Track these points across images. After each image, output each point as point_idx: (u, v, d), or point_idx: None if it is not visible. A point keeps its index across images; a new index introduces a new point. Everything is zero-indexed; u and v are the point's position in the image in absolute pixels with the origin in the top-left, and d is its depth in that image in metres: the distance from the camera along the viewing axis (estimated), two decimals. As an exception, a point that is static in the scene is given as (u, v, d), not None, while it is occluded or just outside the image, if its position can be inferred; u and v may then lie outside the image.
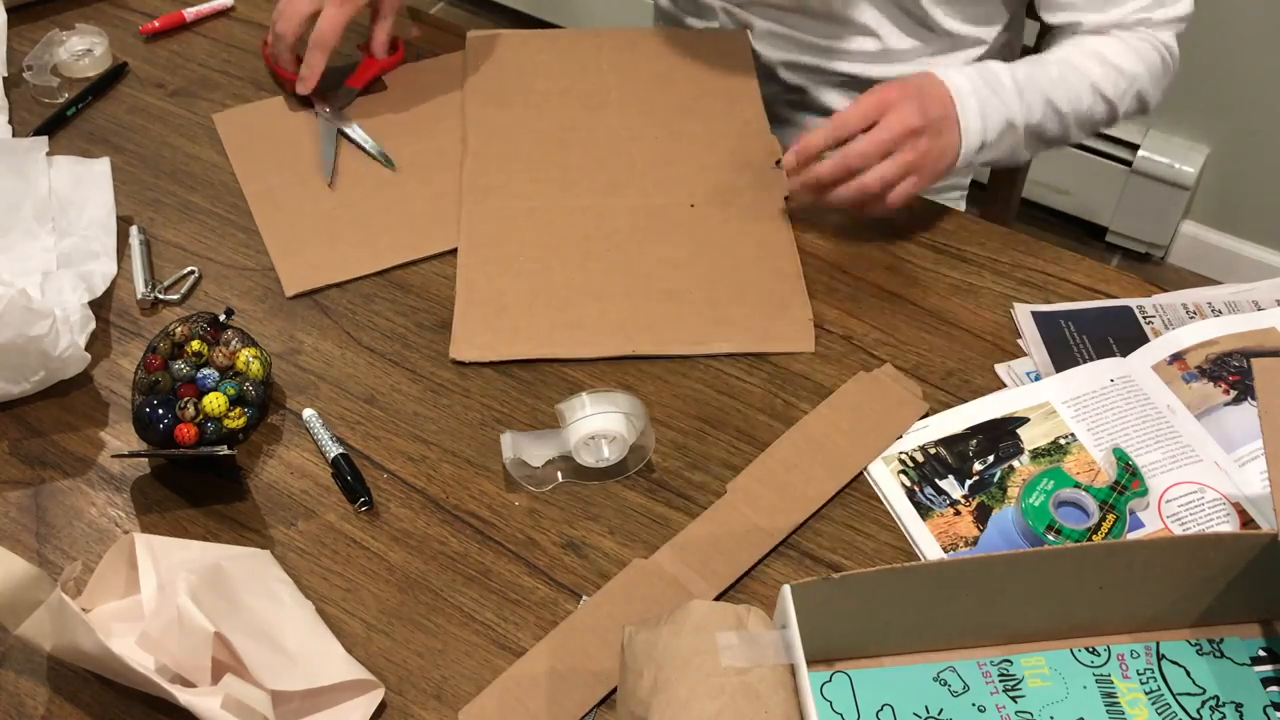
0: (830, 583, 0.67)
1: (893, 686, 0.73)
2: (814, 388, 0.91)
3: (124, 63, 1.21)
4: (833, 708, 0.72)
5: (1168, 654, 0.74)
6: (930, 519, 0.83)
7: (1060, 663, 0.74)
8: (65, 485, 0.86)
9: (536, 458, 0.85)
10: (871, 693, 0.73)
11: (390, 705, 0.75)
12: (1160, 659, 0.74)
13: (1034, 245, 1.02)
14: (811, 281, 0.99)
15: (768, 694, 0.63)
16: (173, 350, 0.90)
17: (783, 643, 0.66)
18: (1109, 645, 0.75)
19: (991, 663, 0.74)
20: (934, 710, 0.72)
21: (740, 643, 0.65)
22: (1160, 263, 2.13)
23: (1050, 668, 0.74)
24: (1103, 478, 0.84)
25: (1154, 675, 0.73)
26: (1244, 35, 1.81)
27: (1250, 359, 0.86)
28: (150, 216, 1.06)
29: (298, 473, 0.87)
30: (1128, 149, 2.00)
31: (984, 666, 0.74)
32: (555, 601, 0.79)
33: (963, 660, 0.74)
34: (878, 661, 0.74)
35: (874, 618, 0.71)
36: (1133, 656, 0.74)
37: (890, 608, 0.70)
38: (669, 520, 0.84)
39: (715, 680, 0.64)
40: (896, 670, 0.74)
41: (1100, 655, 0.74)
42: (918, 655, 0.74)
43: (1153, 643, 0.75)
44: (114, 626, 0.75)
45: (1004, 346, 0.94)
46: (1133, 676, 0.73)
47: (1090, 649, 0.75)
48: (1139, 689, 0.73)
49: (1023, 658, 0.74)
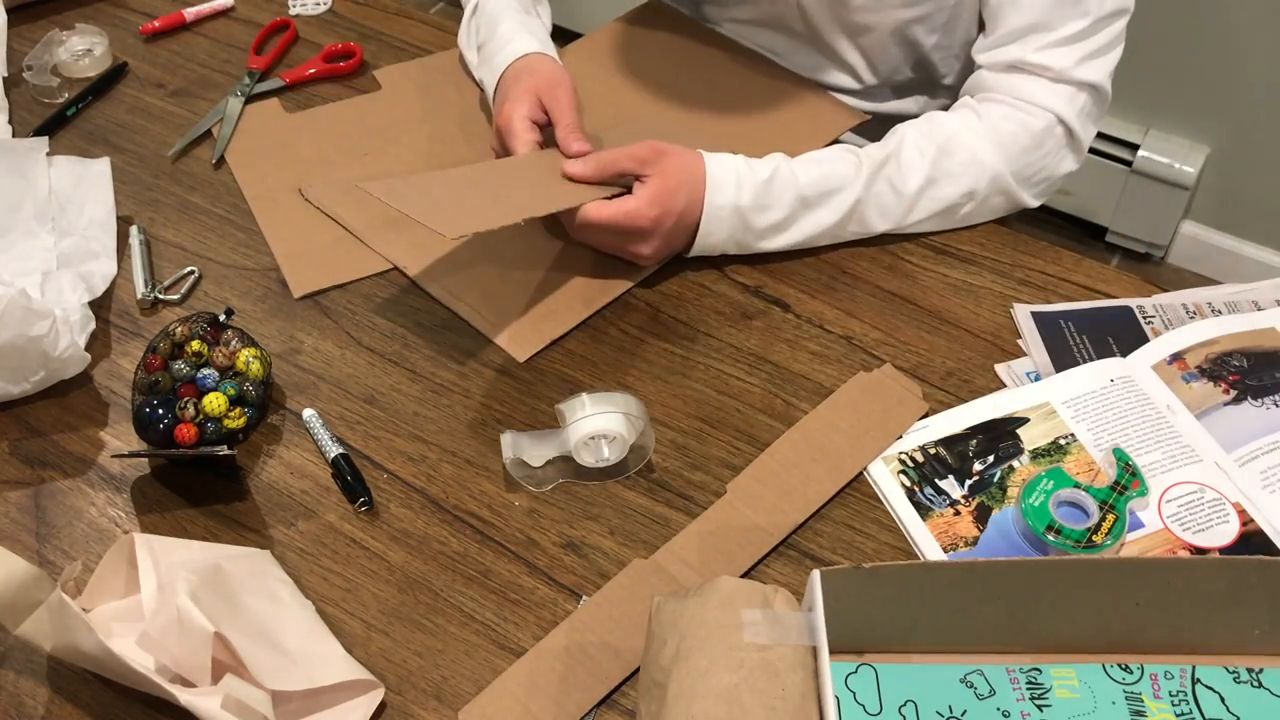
0: (861, 572, 0.67)
1: (918, 683, 0.72)
2: (814, 388, 0.91)
3: (124, 63, 1.21)
4: (856, 698, 0.71)
5: (1203, 679, 0.72)
6: (930, 519, 0.83)
7: (1091, 676, 0.73)
8: (65, 485, 0.86)
9: (536, 458, 0.85)
10: (896, 687, 0.72)
11: (390, 705, 0.75)
12: (1195, 683, 0.72)
13: (1034, 245, 1.02)
14: (811, 281, 0.99)
15: (786, 672, 0.64)
16: (173, 350, 0.90)
17: (807, 624, 0.66)
18: (1143, 663, 0.73)
19: (1020, 669, 0.73)
20: (957, 711, 0.71)
21: (764, 620, 0.65)
22: (1160, 263, 2.13)
23: (1080, 680, 0.72)
24: (1103, 478, 0.84)
25: (1187, 699, 0.72)
26: (1244, 35, 1.81)
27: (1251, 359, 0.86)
28: (150, 216, 1.06)
29: (298, 473, 0.87)
30: (1128, 149, 2.00)
31: (1012, 672, 0.73)
32: (555, 601, 0.79)
33: (991, 664, 0.73)
34: (905, 657, 0.73)
35: (903, 613, 0.71)
36: (1166, 677, 0.72)
37: (920, 604, 0.70)
38: (669, 520, 0.84)
39: (736, 654, 0.64)
40: (923, 668, 0.73)
41: (1133, 673, 0.73)
42: (946, 655, 0.73)
43: (1189, 665, 0.73)
44: (114, 626, 0.75)
45: (1004, 346, 0.94)
46: (1164, 697, 0.72)
47: (1123, 665, 0.73)
48: (1169, 710, 0.71)
49: (1053, 668, 0.73)
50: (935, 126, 1.01)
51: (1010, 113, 1.00)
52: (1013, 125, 1.00)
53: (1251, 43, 1.81)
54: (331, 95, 1.18)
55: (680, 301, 0.98)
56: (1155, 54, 1.88)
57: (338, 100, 1.17)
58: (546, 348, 0.95)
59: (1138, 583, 0.69)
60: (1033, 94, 1.00)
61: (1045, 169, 1.02)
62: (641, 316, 0.97)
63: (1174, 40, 1.86)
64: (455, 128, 1.13)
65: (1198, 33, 1.84)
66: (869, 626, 0.71)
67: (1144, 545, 0.80)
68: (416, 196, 0.90)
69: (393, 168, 1.09)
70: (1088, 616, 0.71)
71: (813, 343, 0.95)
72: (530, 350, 0.94)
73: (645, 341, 0.95)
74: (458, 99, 1.17)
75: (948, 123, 1.01)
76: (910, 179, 0.99)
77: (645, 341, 0.95)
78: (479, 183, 0.95)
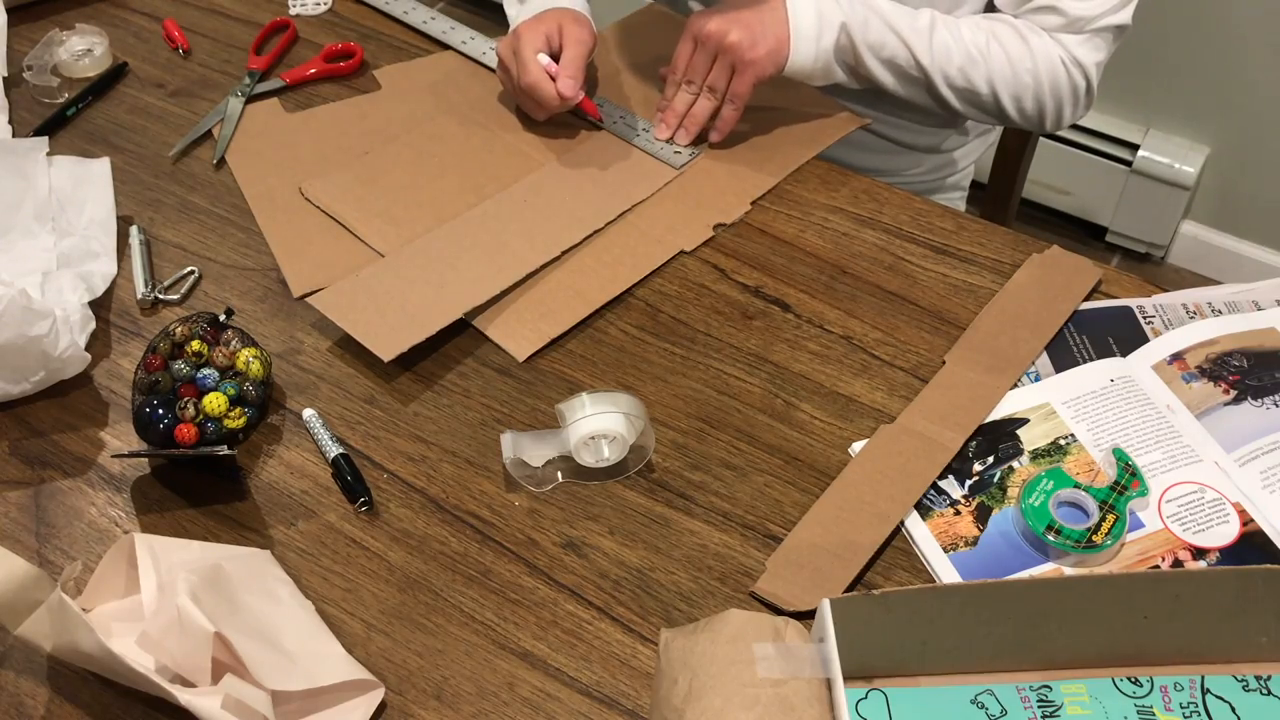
0: (870, 599, 0.67)
1: (929, 707, 0.72)
2: (814, 387, 0.91)
3: (124, 63, 1.21)
4: None
5: (1213, 689, 0.72)
6: (930, 519, 0.83)
7: (1101, 691, 0.72)
8: (65, 485, 0.86)
9: (536, 458, 0.85)
10: (907, 712, 0.71)
11: (390, 705, 0.75)
12: (1205, 693, 0.72)
13: (1034, 245, 1.02)
14: (811, 281, 0.99)
15: (802, 707, 0.63)
16: (173, 350, 0.90)
17: (819, 656, 0.65)
18: (1152, 676, 0.73)
19: (1030, 688, 0.72)
20: None
21: (777, 654, 0.65)
22: (1160, 263, 2.13)
23: (1090, 695, 0.72)
24: (1102, 478, 0.84)
25: (1198, 710, 0.72)
26: (1244, 35, 1.81)
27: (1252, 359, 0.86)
28: (150, 216, 1.06)
29: (298, 473, 0.87)
30: (1128, 149, 2.00)
31: (1023, 691, 0.72)
32: (555, 601, 0.79)
33: (1001, 684, 0.73)
34: (915, 681, 0.73)
35: (913, 636, 0.70)
36: (1176, 689, 0.72)
37: (929, 627, 0.70)
38: (669, 520, 0.84)
39: (750, 690, 0.63)
40: (934, 690, 0.72)
41: (1143, 686, 0.73)
42: (956, 676, 0.73)
43: (1198, 676, 0.73)
44: (114, 626, 0.75)
45: (1004, 346, 0.94)
46: (1175, 709, 0.71)
47: (1133, 679, 0.73)
48: None
49: (1063, 684, 0.73)
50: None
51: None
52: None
53: (1252, 43, 1.81)
54: (331, 95, 1.18)
55: (680, 301, 0.98)
56: (1155, 54, 1.88)
57: (338, 100, 1.17)
58: (546, 347, 0.95)
59: (1146, 596, 0.69)
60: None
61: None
62: (641, 316, 0.97)
63: (1174, 40, 1.86)
64: (455, 127, 1.13)
65: (1198, 33, 1.84)
66: (878, 652, 0.71)
67: (1144, 545, 0.80)
68: (359, 309, 0.95)
69: (393, 167, 1.09)
70: (1097, 631, 0.71)
71: (813, 343, 0.95)
72: (530, 350, 0.94)
73: (645, 341, 0.95)
74: (458, 99, 1.17)
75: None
76: (965, 31, 1.08)
77: (645, 341, 0.95)
78: (430, 262, 0.99)
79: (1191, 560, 0.80)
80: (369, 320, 0.94)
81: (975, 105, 1.10)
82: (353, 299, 0.96)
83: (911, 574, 0.80)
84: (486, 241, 1.01)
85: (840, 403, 0.90)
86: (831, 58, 1.06)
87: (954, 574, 0.79)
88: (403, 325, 0.93)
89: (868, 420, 0.89)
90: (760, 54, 1.03)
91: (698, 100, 1.08)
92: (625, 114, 1.13)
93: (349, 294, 0.96)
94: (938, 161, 1.28)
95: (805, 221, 1.04)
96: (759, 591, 0.79)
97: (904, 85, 1.09)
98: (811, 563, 0.79)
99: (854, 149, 1.19)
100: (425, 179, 1.08)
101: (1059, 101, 1.10)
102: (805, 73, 1.06)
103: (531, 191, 1.06)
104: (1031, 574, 0.79)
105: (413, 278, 0.97)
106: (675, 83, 1.09)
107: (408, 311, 0.94)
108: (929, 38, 1.05)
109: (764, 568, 0.80)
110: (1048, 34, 1.08)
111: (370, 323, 0.93)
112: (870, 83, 1.09)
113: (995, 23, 1.09)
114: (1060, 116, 1.12)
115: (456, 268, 0.98)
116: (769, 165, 1.09)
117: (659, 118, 1.10)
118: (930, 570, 0.80)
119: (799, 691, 0.64)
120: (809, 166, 1.09)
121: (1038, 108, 1.10)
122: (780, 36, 1.03)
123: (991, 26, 1.08)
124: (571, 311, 0.96)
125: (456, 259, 0.99)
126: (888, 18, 1.05)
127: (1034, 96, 1.09)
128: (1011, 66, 1.07)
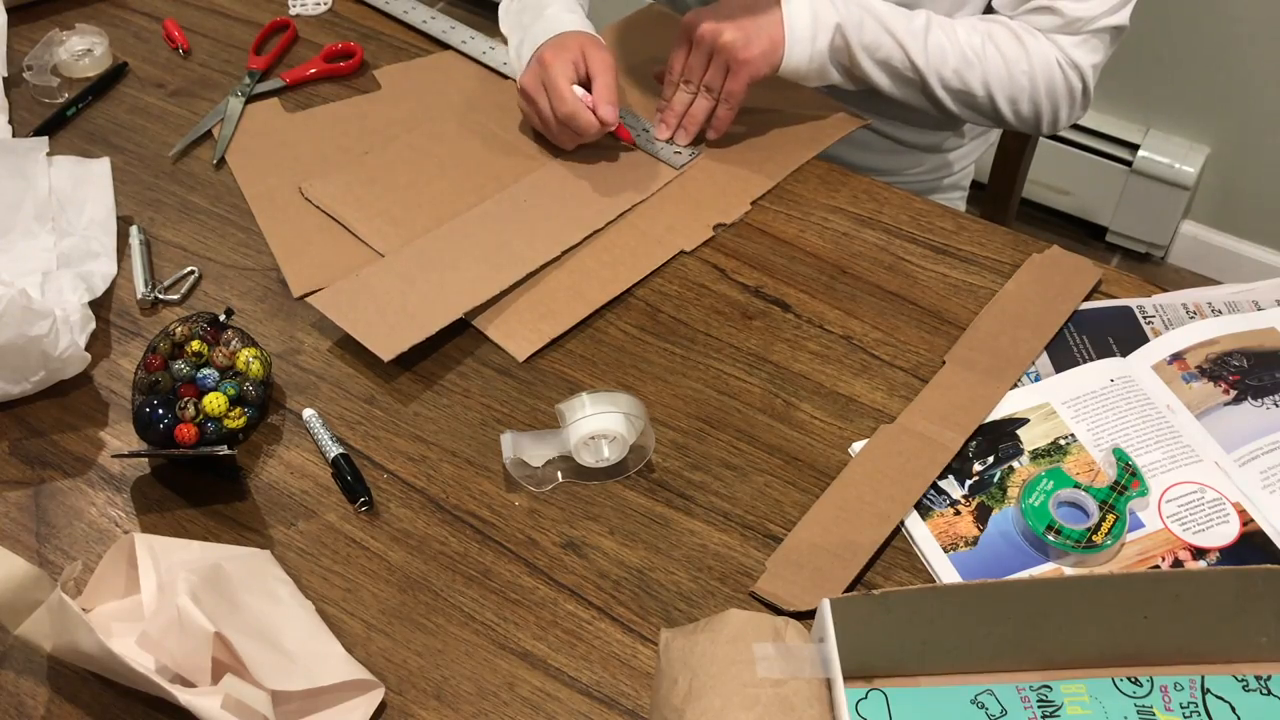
0: (870, 599, 0.67)
1: (929, 707, 0.72)
2: (814, 387, 0.91)
3: (124, 63, 1.21)
4: None
5: (1213, 688, 0.73)
6: (930, 519, 0.83)
7: (1101, 691, 0.72)
8: (65, 485, 0.86)
9: (536, 458, 0.85)
10: (907, 712, 0.71)
11: (390, 705, 0.75)
12: (1205, 693, 0.72)
13: (1034, 245, 1.02)
14: (811, 281, 0.99)
15: (802, 707, 0.63)
16: (173, 350, 0.90)
17: (819, 656, 0.65)
18: (1152, 676, 0.73)
19: (1030, 688, 0.72)
20: None
21: (777, 654, 0.65)
22: (1160, 263, 2.13)
23: (1090, 695, 0.72)
24: (1102, 478, 0.84)
25: (1198, 709, 0.72)
26: (1244, 35, 1.81)
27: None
28: (150, 216, 1.06)
29: (298, 473, 0.87)
30: (1128, 149, 2.00)
31: (1023, 691, 0.72)
32: (555, 601, 0.79)
33: (1001, 684, 0.73)
34: (915, 681, 0.73)
35: (913, 636, 0.70)
36: (1176, 689, 0.72)
37: (929, 627, 0.70)
38: (669, 520, 0.84)
39: (750, 691, 0.63)
40: (934, 690, 0.72)
41: (1143, 686, 0.73)
42: (956, 676, 0.73)
43: (1198, 676, 0.73)
44: (114, 626, 0.75)
45: (1004, 346, 0.94)
46: (1175, 709, 0.72)
47: (1133, 679, 0.73)
48: None
49: (1063, 684, 0.73)
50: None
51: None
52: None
53: (1252, 42, 1.81)
54: (331, 95, 1.18)
55: (680, 301, 0.98)
56: (1155, 54, 1.88)
57: (338, 100, 1.17)
58: (546, 347, 0.95)
59: (1146, 596, 0.69)
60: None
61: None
62: (641, 316, 0.97)
63: (1174, 40, 1.86)
64: (455, 127, 1.13)
65: (1198, 33, 1.84)
66: (878, 652, 0.71)
67: (1144, 545, 0.80)
68: (359, 309, 0.95)
69: (393, 167, 1.09)
70: (1097, 631, 0.71)
71: (813, 343, 0.95)
72: (530, 349, 0.94)
73: (645, 341, 0.95)
74: (458, 99, 1.17)
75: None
76: (961, 32, 1.08)
77: (645, 341, 0.95)
78: (430, 262, 0.98)
79: (1191, 560, 0.80)
80: (369, 320, 0.94)
81: (971, 107, 1.10)
82: (353, 299, 0.96)
83: (911, 574, 0.80)
84: (486, 241, 1.01)
85: (840, 403, 0.90)
86: (826, 59, 1.06)
87: (954, 574, 0.80)
88: (403, 325, 0.93)
89: (868, 420, 0.89)
90: (754, 54, 1.03)
91: (695, 100, 1.08)
92: (625, 114, 1.13)
93: (349, 294, 0.96)
94: (937, 161, 1.28)
95: (805, 221, 1.04)
96: (759, 591, 0.79)
97: (899, 87, 1.09)
98: (811, 563, 0.79)
99: (854, 148, 1.19)
100: (425, 179, 1.08)
101: (1055, 104, 1.10)
102: (800, 73, 1.06)
103: (531, 191, 1.06)
104: (1031, 574, 0.79)
105: (413, 278, 0.97)
106: (673, 83, 1.09)
107: (408, 311, 0.94)
108: (924, 39, 1.05)
109: (764, 568, 0.80)
110: (1044, 35, 1.08)
111: (370, 323, 0.93)
112: (865, 84, 1.09)
113: (992, 24, 1.09)
114: (1056, 119, 1.12)
115: (456, 268, 0.98)
116: (769, 165, 1.09)
117: (659, 118, 1.10)
118: (930, 570, 0.80)
119: (799, 691, 0.64)
120: (809, 166, 1.10)
121: (1033, 110, 1.10)
122: (775, 37, 1.03)
123: (988, 28, 1.08)
124: (571, 311, 0.97)
125: (456, 259, 0.99)
126: (883, 19, 1.05)
127: (1030, 99, 1.09)
128: (1007, 68, 1.07)
